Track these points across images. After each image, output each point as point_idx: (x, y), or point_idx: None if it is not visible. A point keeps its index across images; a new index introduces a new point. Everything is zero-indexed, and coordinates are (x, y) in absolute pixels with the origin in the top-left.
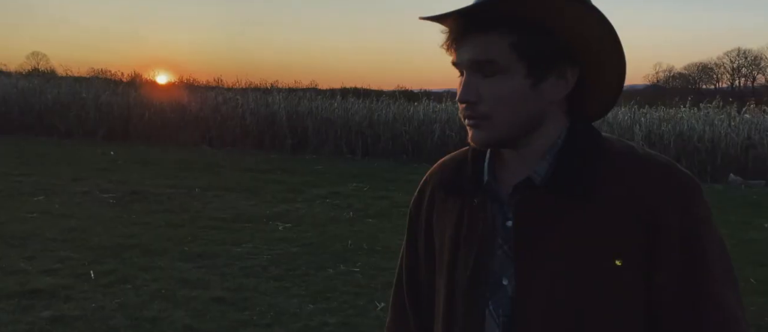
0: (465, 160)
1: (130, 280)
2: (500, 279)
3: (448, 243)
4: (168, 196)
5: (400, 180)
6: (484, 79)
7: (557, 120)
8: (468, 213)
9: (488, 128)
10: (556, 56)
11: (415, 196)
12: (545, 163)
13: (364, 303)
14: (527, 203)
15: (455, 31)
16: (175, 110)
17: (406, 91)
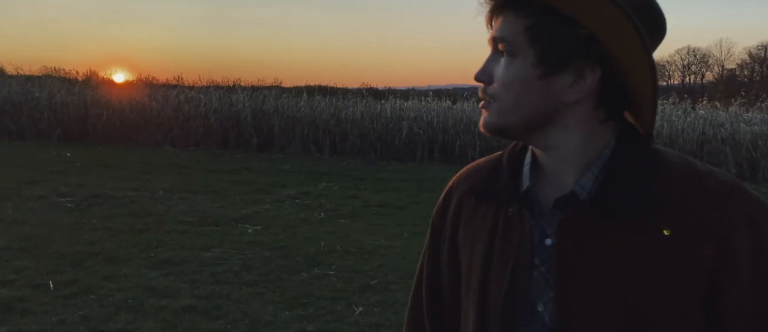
0: (499, 164)
1: (93, 290)
2: (535, 304)
3: (478, 257)
4: (130, 199)
5: (369, 178)
6: (499, 59)
7: (592, 129)
8: (503, 224)
9: (493, 111)
10: (574, 50)
11: (440, 204)
12: (591, 176)
13: (342, 309)
14: (571, 221)
15: (489, 7)
16: (135, 110)
17: (372, 89)
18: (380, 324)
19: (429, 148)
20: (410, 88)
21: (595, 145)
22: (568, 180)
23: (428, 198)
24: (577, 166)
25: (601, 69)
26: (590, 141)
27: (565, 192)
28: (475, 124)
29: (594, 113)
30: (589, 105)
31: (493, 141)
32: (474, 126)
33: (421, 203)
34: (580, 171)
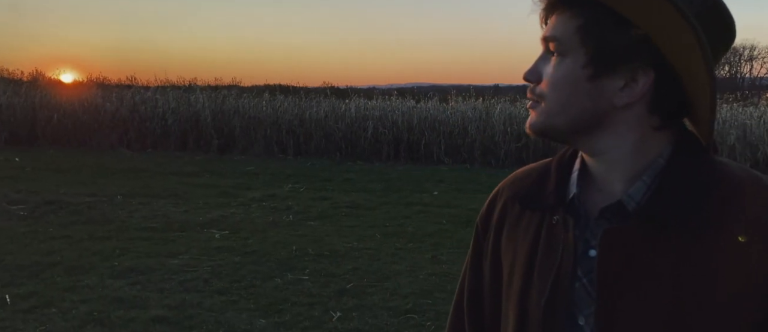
0: (548, 170)
1: (54, 303)
2: (576, 316)
3: (520, 265)
4: (87, 206)
5: (336, 179)
6: (549, 58)
7: (644, 136)
8: (546, 232)
9: (540, 112)
10: (626, 52)
11: (484, 209)
12: (641, 185)
13: (319, 314)
14: (617, 233)
15: (542, 5)
16: (87, 111)
17: (334, 88)
18: (359, 329)
19: (395, 147)
20: (371, 87)
21: (647, 152)
22: (616, 188)
23: (397, 198)
24: (626, 173)
25: (654, 72)
26: (642, 148)
27: (612, 201)
28: (440, 122)
29: (647, 119)
30: (642, 110)
31: (459, 139)
32: (439, 125)
33: (390, 203)
34: (630, 180)
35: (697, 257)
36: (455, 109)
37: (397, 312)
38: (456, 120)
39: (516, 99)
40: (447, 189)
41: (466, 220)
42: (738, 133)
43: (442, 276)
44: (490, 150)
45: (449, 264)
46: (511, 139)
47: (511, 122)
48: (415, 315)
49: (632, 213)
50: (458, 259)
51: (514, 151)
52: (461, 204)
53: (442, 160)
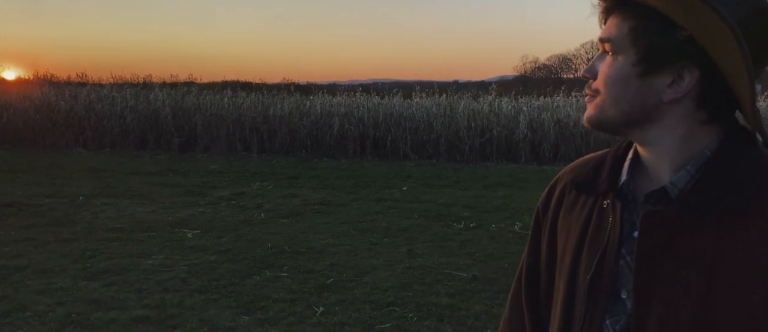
0: (604, 160)
1: (28, 307)
2: (619, 291)
3: (572, 243)
4: (49, 207)
5: (304, 176)
6: (604, 56)
7: (692, 129)
8: (597, 215)
9: (595, 105)
10: (673, 51)
11: (544, 195)
12: (685, 174)
13: (302, 309)
14: (656, 217)
15: (601, 9)
16: (40, 110)
17: (295, 85)
18: (343, 323)
19: (361, 143)
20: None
21: (694, 144)
22: (663, 177)
23: (367, 194)
24: (673, 163)
25: (699, 71)
26: (689, 140)
27: (656, 188)
28: (406, 118)
29: (694, 114)
30: (689, 105)
31: (424, 135)
32: (405, 121)
33: (361, 199)
34: (676, 169)
35: (733, 243)
36: (420, 105)
37: (379, 305)
38: (421, 116)
39: (478, 95)
40: (415, 185)
41: (437, 215)
42: None
43: (420, 269)
44: (454, 145)
45: (425, 258)
46: (475, 135)
47: (475, 118)
48: (397, 308)
49: (674, 199)
50: (433, 253)
51: (478, 147)
52: (431, 199)
53: (408, 156)
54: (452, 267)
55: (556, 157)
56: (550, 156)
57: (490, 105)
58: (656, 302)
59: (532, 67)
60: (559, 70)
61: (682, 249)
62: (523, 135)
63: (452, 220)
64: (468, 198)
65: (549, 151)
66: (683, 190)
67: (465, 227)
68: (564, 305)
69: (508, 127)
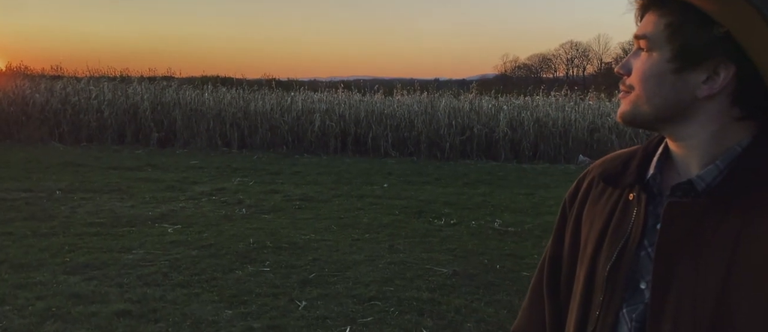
0: (634, 155)
1: (6, 301)
2: (639, 281)
3: (595, 233)
4: (25, 201)
5: (285, 172)
6: (640, 53)
7: (724, 125)
8: (621, 207)
9: (629, 101)
10: (708, 47)
11: (572, 187)
12: (714, 169)
13: (285, 304)
14: (680, 208)
15: (637, 6)
16: (14, 103)
17: (276, 80)
18: (326, 317)
19: (342, 140)
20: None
21: (725, 140)
22: (692, 171)
23: (349, 190)
24: (703, 158)
25: (735, 67)
26: (721, 136)
27: (683, 181)
28: (387, 115)
29: (729, 110)
30: (724, 101)
31: (405, 132)
32: (386, 118)
33: (343, 196)
34: (705, 164)
35: (755, 238)
36: (401, 103)
37: (361, 299)
38: (402, 113)
39: (459, 93)
40: (396, 182)
41: (417, 211)
42: None
43: (401, 265)
44: (435, 143)
45: (406, 253)
46: (456, 132)
47: (456, 116)
48: (379, 302)
49: (700, 192)
50: (414, 248)
51: (459, 144)
52: (412, 196)
53: (389, 153)
54: (433, 263)
55: (536, 155)
56: (530, 154)
57: (471, 103)
58: (674, 292)
59: (512, 66)
60: (539, 69)
61: (703, 242)
62: (503, 133)
63: (433, 217)
64: (448, 195)
65: (528, 149)
66: (710, 184)
67: (446, 224)
68: (583, 294)
69: (488, 126)
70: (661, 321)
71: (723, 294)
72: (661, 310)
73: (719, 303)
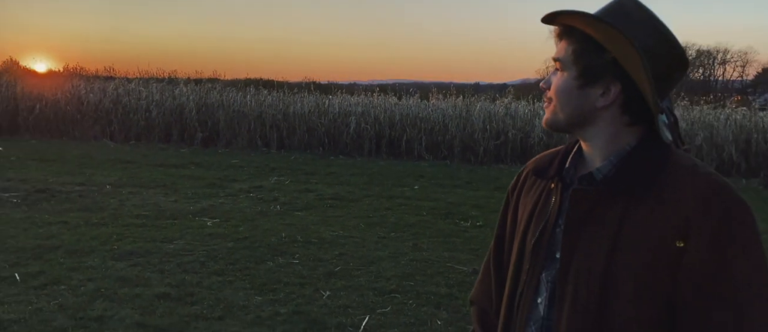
0: (557, 154)
1: (62, 281)
2: (555, 252)
3: (525, 217)
4: (78, 194)
5: (320, 173)
6: (556, 72)
7: (618, 129)
8: (544, 195)
9: (549, 110)
10: (603, 69)
11: (514, 180)
12: (608, 163)
13: (311, 293)
14: (581, 194)
15: (555, 34)
16: (70, 102)
17: (316, 84)
18: (347, 306)
19: (376, 143)
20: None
21: (618, 141)
22: (595, 165)
23: (379, 191)
24: (602, 155)
25: (620, 84)
26: (615, 138)
27: (586, 172)
28: (422, 119)
29: (620, 118)
30: (616, 111)
31: (439, 136)
32: (420, 121)
33: (373, 196)
34: (603, 159)
35: (634, 217)
36: (436, 107)
37: (381, 291)
38: (437, 117)
39: (495, 97)
40: (427, 184)
41: (445, 213)
42: (705, 134)
43: (423, 262)
44: (469, 147)
45: (430, 252)
46: (490, 137)
47: (491, 120)
48: (399, 295)
49: (598, 181)
50: (438, 248)
51: (493, 149)
52: (441, 198)
53: (422, 156)
54: (454, 261)
55: None
56: None
57: (506, 107)
58: (577, 256)
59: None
60: None
61: (597, 220)
62: (538, 138)
63: (459, 218)
64: (478, 198)
65: None
66: (606, 176)
67: (471, 225)
68: (515, 263)
69: (523, 130)
70: (567, 280)
71: (610, 260)
72: (567, 271)
73: (607, 265)
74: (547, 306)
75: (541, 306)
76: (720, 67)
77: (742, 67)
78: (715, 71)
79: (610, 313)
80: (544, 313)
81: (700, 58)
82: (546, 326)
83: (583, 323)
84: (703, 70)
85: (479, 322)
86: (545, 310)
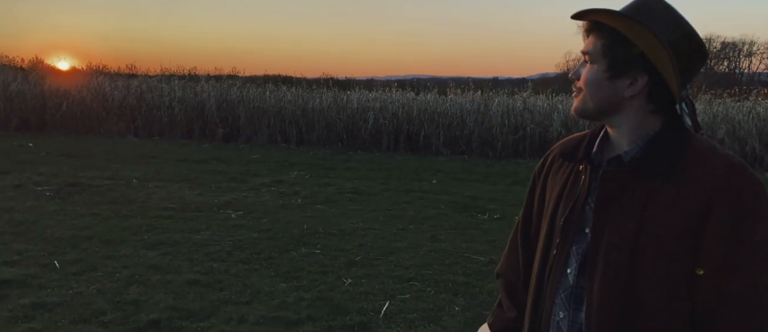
0: (584, 138)
1: (98, 268)
2: (584, 228)
3: (554, 196)
4: (107, 188)
5: (339, 167)
6: (585, 64)
7: (644, 116)
8: (573, 176)
9: (579, 99)
10: (631, 63)
11: (540, 163)
12: (635, 147)
13: (333, 280)
14: (611, 174)
15: (583, 29)
16: (96, 99)
17: (334, 80)
18: (368, 292)
19: (394, 138)
20: (371, 78)
21: (644, 127)
22: (623, 149)
23: (398, 185)
24: (629, 139)
25: (648, 76)
26: (640, 124)
27: (614, 155)
28: (440, 114)
29: (646, 106)
30: (643, 100)
31: (457, 131)
32: (438, 116)
33: (391, 190)
34: (630, 143)
35: (659, 196)
36: (454, 102)
37: (400, 279)
38: (454, 112)
39: (514, 92)
40: (445, 179)
41: (463, 206)
42: (727, 127)
43: (441, 252)
44: (487, 141)
45: (447, 243)
46: (509, 131)
47: (509, 115)
48: (417, 283)
49: (626, 163)
50: (455, 239)
51: (511, 143)
52: (458, 192)
53: (440, 151)
54: (472, 252)
55: None
56: None
57: (525, 102)
58: (607, 231)
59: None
60: None
61: (626, 199)
62: (557, 132)
63: (477, 211)
64: (496, 192)
65: None
66: (633, 158)
67: (489, 218)
68: (545, 238)
69: (541, 125)
70: (598, 251)
71: (638, 234)
72: (598, 244)
73: (635, 239)
74: (576, 276)
75: (570, 275)
76: (746, 59)
77: None
78: (740, 64)
79: (638, 281)
80: (573, 282)
81: (726, 50)
82: (575, 293)
83: (614, 290)
84: (728, 63)
85: (506, 293)
86: (575, 279)
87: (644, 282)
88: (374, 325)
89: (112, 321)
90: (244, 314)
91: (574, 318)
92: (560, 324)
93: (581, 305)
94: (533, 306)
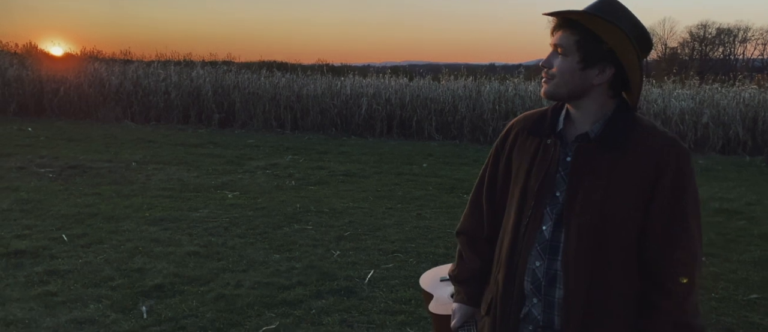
0: (545, 114)
1: (104, 241)
2: (556, 192)
3: (525, 165)
4: (108, 170)
5: (332, 152)
6: (558, 55)
7: (605, 100)
8: (542, 149)
9: (551, 85)
10: (601, 56)
11: (501, 135)
12: (598, 125)
13: (323, 252)
14: (582, 148)
15: (553, 25)
16: (93, 85)
17: (329, 66)
18: (355, 262)
19: (387, 123)
20: (366, 65)
21: (604, 109)
22: (585, 127)
23: (389, 168)
24: (591, 120)
25: (614, 68)
26: (601, 106)
27: (582, 133)
28: (432, 100)
29: (607, 92)
30: (605, 87)
31: (449, 116)
32: (430, 102)
33: (383, 173)
34: (593, 122)
35: (619, 166)
36: (446, 88)
37: (385, 252)
38: (447, 98)
39: (505, 78)
40: (435, 162)
41: (450, 188)
42: (712, 112)
43: (425, 229)
44: (478, 127)
45: (432, 220)
46: (499, 117)
47: (500, 101)
48: (401, 254)
49: (592, 139)
50: (440, 217)
51: (501, 128)
52: (447, 175)
53: (432, 136)
54: (454, 228)
55: None
56: None
57: (516, 88)
58: (579, 195)
59: None
60: None
61: (594, 168)
62: None
63: (463, 192)
64: None
65: None
66: (597, 135)
67: None
68: (519, 201)
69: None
70: (572, 211)
71: (605, 197)
72: (573, 205)
73: (603, 202)
74: (551, 232)
75: (545, 231)
76: (740, 45)
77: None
78: (735, 50)
79: (606, 234)
80: (548, 236)
81: (721, 36)
82: (552, 246)
83: (587, 242)
84: (723, 49)
85: (469, 246)
86: (551, 234)
87: (611, 235)
88: (359, 289)
89: (120, 285)
90: (240, 280)
91: (549, 266)
92: (536, 271)
93: (557, 255)
94: (508, 256)
